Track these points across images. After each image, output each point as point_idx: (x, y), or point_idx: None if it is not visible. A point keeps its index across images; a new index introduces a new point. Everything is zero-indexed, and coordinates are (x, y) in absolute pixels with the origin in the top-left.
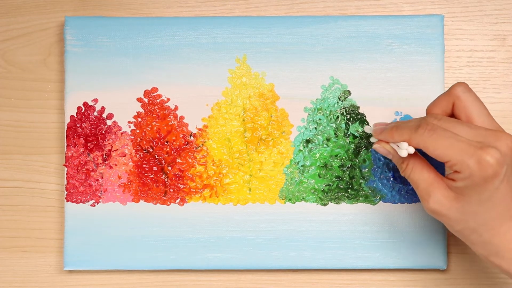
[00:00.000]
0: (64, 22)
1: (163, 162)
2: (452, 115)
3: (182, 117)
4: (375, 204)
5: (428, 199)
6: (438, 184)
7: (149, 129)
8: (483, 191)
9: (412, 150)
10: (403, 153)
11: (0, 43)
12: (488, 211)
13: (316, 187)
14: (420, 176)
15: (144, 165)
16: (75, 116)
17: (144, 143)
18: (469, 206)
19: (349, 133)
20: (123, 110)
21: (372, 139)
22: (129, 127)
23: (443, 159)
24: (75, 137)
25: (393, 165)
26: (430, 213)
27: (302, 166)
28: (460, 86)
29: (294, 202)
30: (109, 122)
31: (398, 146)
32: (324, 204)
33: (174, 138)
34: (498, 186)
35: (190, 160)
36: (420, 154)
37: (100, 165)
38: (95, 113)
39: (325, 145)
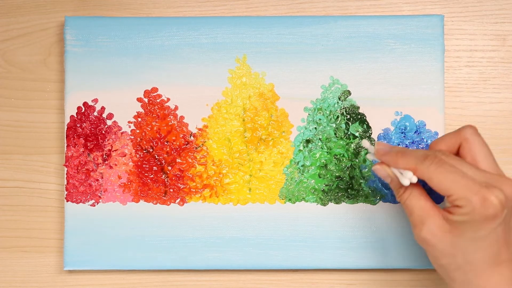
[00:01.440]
0: (64, 22)
1: (163, 162)
2: (457, 155)
3: (182, 117)
4: (375, 204)
5: (421, 227)
6: (434, 214)
7: (149, 129)
8: (480, 229)
9: (415, 180)
10: (406, 182)
11: (0, 43)
12: (479, 251)
13: (316, 187)
14: (417, 203)
15: (144, 165)
16: (75, 116)
17: (144, 143)
18: (462, 241)
19: (349, 133)
20: (123, 110)
21: (369, 156)
22: (129, 127)
23: (446, 192)
24: (75, 137)
25: None
26: (420, 242)
27: (302, 166)
28: (470, 128)
29: (294, 202)
30: (109, 122)
31: (401, 173)
32: (324, 204)
33: (174, 138)
34: (495, 228)
35: (190, 160)
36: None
37: (100, 165)
38: (95, 113)
39: (325, 145)
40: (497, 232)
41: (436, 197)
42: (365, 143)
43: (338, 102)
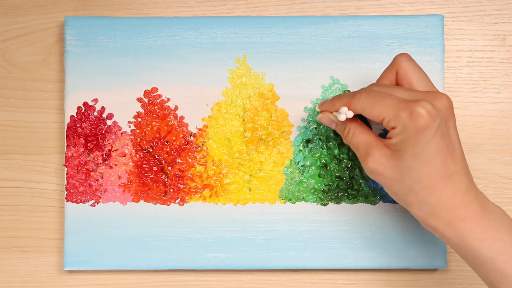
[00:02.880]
0: (64, 22)
1: (163, 162)
2: (397, 84)
3: (182, 117)
4: (375, 204)
5: (367, 159)
6: (377, 144)
7: (149, 129)
8: (416, 144)
9: (351, 114)
10: (342, 117)
11: (0, 43)
12: (423, 167)
13: (316, 187)
14: (361, 139)
15: (144, 165)
16: (75, 116)
17: (144, 143)
18: (405, 162)
19: None
20: (123, 110)
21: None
22: (129, 127)
23: (379, 117)
24: (75, 137)
25: None
26: (370, 174)
27: (302, 166)
28: (402, 55)
29: (294, 202)
30: (109, 122)
31: (339, 112)
32: (324, 204)
33: (174, 138)
34: (431, 138)
35: (190, 160)
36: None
37: (100, 165)
38: (95, 113)
39: (325, 145)
40: (436, 143)
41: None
42: (317, 107)
43: None
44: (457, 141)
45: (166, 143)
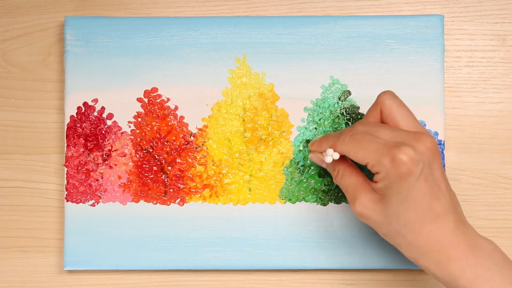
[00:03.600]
0: (64, 22)
1: (163, 162)
2: (382, 121)
3: (182, 117)
4: None
5: (354, 202)
6: (364, 188)
7: (149, 129)
8: (401, 190)
9: (336, 156)
10: (328, 159)
11: (0, 43)
12: (409, 212)
13: (316, 187)
14: (349, 182)
15: (144, 165)
16: (75, 116)
17: (144, 143)
18: (391, 207)
19: None
20: (123, 110)
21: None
22: (129, 127)
23: (363, 161)
24: (75, 137)
25: None
26: (358, 217)
27: (302, 166)
28: (385, 94)
29: (294, 202)
30: (109, 122)
31: (325, 153)
32: (324, 204)
33: (174, 138)
34: (414, 184)
35: (190, 160)
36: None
37: (100, 165)
38: (95, 113)
39: None
40: (419, 187)
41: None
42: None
43: (338, 102)
44: (443, 181)
45: (166, 143)
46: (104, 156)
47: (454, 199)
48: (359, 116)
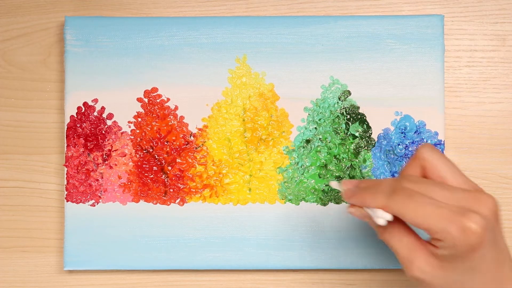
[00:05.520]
0: (64, 22)
1: (163, 162)
2: (425, 177)
3: (182, 117)
4: None
5: (411, 267)
6: (421, 251)
7: (149, 129)
8: (468, 260)
9: (390, 218)
10: (381, 222)
11: (0, 43)
12: (474, 280)
13: (316, 187)
14: (400, 243)
15: (144, 165)
16: (75, 116)
17: (144, 143)
18: (454, 275)
19: (349, 133)
20: (123, 110)
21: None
22: (129, 127)
23: (423, 227)
24: (75, 137)
25: (393, 165)
26: (413, 281)
27: (302, 166)
28: (424, 147)
29: (294, 202)
30: (109, 122)
31: (372, 211)
32: (324, 204)
33: (174, 138)
34: (485, 253)
35: (190, 160)
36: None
37: (100, 165)
38: (95, 113)
39: (325, 145)
40: (487, 257)
41: None
42: (333, 184)
43: (338, 102)
44: (504, 243)
45: (166, 143)
46: (104, 156)
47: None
48: (359, 116)
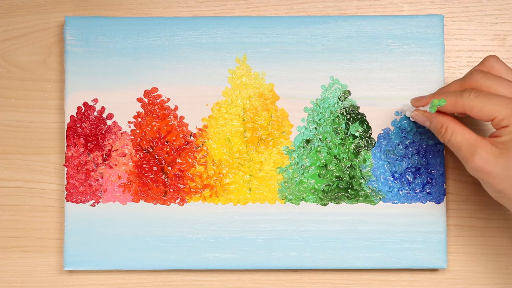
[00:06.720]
0: (64, 22)
1: (163, 162)
2: None
3: (182, 117)
4: (375, 204)
5: (472, 158)
6: (482, 142)
7: (149, 129)
8: None
9: (443, 102)
10: (432, 109)
11: (0, 43)
12: None
13: (316, 187)
14: (462, 138)
15: (144, 165)
16: (75, 116)
17: (144, 143)
18: None
19: (349, 133)
20: (123, 110)
21: (407, 113)
22: (129, 127)
23: (490, 116)
24: (75, 137)
25: (393, 165)
26: (475, 172)
27: (302, 166)
28: (492, 57)
29: (294, 202)
30: (109, 122)
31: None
32: (324, 204)
33: (174, 138)
34: None
35: (190, 160)
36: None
37: (100, 165)
38: (95, 113)
39: (325, 145)
40: None
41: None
42: (404, 105)
43: (338, 102)
44: None
45: (166, 143)
46: (104, 156)
47: None
48: (359, 116)
